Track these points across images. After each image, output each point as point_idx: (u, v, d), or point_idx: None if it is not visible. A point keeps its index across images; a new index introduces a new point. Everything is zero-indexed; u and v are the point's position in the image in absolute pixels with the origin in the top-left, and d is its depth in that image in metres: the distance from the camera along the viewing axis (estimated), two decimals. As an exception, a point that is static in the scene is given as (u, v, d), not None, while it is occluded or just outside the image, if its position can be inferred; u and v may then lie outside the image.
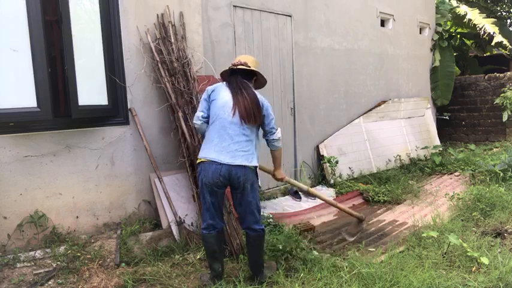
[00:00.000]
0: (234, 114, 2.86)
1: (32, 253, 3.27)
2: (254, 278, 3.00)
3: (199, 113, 3.02)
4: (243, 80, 3.01)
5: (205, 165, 2.83)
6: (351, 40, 6.69)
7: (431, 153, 7.35)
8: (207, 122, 3.00)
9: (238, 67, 3.01)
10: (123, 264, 3.28)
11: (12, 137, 3.35)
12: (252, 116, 2.88)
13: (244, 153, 2.85)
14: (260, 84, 3.21)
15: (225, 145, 2.83)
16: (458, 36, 10.43)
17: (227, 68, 3.11)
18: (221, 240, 3.06)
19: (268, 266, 3.18)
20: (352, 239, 3.93)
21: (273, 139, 3.06)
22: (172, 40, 4.06)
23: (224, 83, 3.05)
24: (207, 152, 2.86)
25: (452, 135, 9.73)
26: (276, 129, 3.07)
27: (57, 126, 3.54)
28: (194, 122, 3.07)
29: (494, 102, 8.70)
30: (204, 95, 3.03)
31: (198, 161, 2.92)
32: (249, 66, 3.02)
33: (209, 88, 3.04)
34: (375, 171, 6.53)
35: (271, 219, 4.17)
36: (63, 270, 3.13)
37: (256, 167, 2.94)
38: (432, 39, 8.79)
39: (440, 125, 9.33)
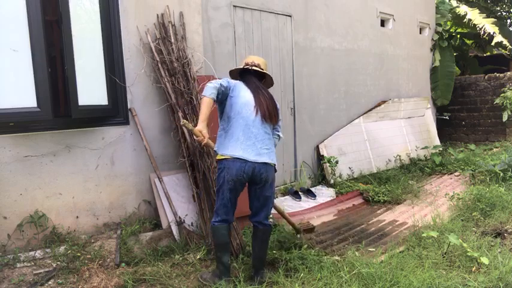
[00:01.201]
0: (256, 113, 2.93)
1: (32, 253, 3.27)
2: (254, 278, 3.00)
3: (222, 81, 2.88)
4: (258, 80, 3.09)
5: (229, 163, 2.86)
6: (351, 40, 6.69)
7: (431, 153, 7.34)
8: (217, 97, 2.85)
9: (253, 68, 3.08)
10: (123, 264, 3.28)
11: (12, 137, 3.35)
12: (273, 115, 3.00)
13: (267, 151, 2.95)
14: (267, 85, 3.27)
15: (250, 143, 2.89)
16: (458, 36, 10.43)
17: (240, 67, 3.16)
18: (230, 234, 3.16)
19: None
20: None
21: (278, 135, 3.19)
22: (172, 40, 4.06)
23: (241, 81, 3.07)
24: (232, 150, 2.87)
25: (452, 135, 9.73)
26: (280, 127, 3.23)
27: (57, 126, 3.54)
28: (209, 85, 2.81)
29: (494, 102, 8.70)
30: (226, 79, 2.96)
31: (219, 158, 2.93)
32: (262, 69, 3.11)
33: (231, 81, 2.99)
34: (375, 171, 6.53)
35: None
36: (63, 270, 3.13)
37: (275, 164, 3.03)
38: (432, 39, 8.79)
39: (440, 125, 9.32)
